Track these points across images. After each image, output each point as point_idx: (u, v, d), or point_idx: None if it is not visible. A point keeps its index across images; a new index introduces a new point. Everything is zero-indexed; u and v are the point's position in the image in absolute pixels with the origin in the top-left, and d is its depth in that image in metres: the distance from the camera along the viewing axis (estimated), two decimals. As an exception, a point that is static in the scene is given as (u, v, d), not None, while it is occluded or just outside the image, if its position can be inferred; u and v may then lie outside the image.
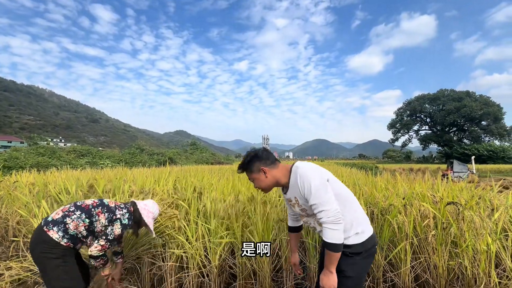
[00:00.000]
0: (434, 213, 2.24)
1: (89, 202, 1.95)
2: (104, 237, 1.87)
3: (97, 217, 1.88)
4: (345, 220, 1.40)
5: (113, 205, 2.00)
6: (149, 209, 2.10)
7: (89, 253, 1.83)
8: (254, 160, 1.54)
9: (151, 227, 2.09)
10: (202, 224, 2.49)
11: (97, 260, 1.86)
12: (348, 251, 1.42)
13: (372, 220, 2.45)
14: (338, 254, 1.34)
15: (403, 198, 2.58)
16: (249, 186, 3.39)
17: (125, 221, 1.95)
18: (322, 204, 1.33)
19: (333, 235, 1.31)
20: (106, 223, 1.89)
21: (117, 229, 1.91)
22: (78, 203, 1.93)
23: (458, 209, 2.19)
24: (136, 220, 2.06)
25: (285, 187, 1.57)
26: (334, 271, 1.37)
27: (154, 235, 2.19)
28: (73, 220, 1.82)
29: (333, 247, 1.32)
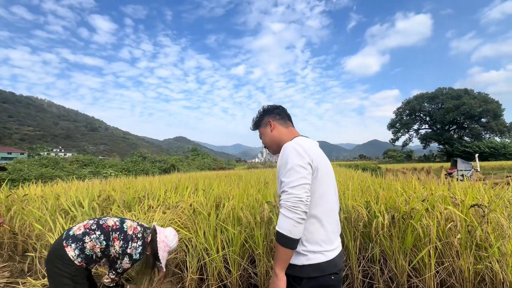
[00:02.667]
0: (459, 216, 2.21)
1: (110, 223, 1.93)
2: (114, 271, 1.87)
3: (112, 242, 1.85)
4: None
5: (131, 232, 1.94)
6: (167, 243, 2.03)
7: (102, 281, 1.91)
8: (264, 114, 1.49)
9: (164, 262, 2.01)
10: (221, 232, 2.47)
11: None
12: (288, 272, 1.16)
13: (393, 225, 2.42)
14: (287, 251, 1.10)
15: (423, 201, 2.56)
16: (265, 193, 3.36)
17: (136, 256, 1.89)
18: (288, 184, 1.13)
19: (283, 223, 1.09)
20: (120, 252, 1.86)
21: (126, 264, 1.87)
22: (100, 222, 1.91)
23: (483, 211, 2.17)
24: (153, 252, 2.00)
25: None
26: (281, 273, 1.11)
27: (164, 270, 2.12)
28: (91, 240, 1.79)
29: (280, 238, 1.09)
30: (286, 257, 1.11)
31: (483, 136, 57.28)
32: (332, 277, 1.20)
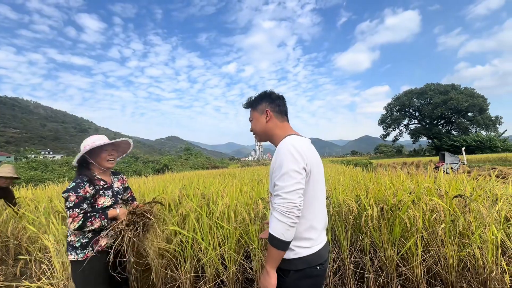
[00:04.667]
0: (443, 206, 2.33)
1: None
2: (65, 209, 1.71)
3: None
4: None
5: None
6: (85, 145, 1.85)
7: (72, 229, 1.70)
8: (264, 99, 1.43)
9: (95, 144, 1.79)
10: (216, 230, 2.52)
11: (86, 229, 1.71)
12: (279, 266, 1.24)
13: (382, 217, 2.53)
14: (279, 252, 1.16)
15: (410, 193, 2.68)
16: (259, 190, 3.42)
17: (72, 184, 1.73)
18: (283, 189, 1.16)
19: (276, 227, 1.14)
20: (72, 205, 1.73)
21: (71, 196, 1.68)
22: None
23: (465, 201, 2.29)
24: (84, 163, 1.86)
25: None
26: (272, 271, 1.18)
27: (117, 141, 1.94)
28: (70, 235, 1.81)
29: (273, 240, 1.15)
30: (278, 257, 1.18)
31: (469, 130, 58.98)
32: (318, 268, 1.27)
